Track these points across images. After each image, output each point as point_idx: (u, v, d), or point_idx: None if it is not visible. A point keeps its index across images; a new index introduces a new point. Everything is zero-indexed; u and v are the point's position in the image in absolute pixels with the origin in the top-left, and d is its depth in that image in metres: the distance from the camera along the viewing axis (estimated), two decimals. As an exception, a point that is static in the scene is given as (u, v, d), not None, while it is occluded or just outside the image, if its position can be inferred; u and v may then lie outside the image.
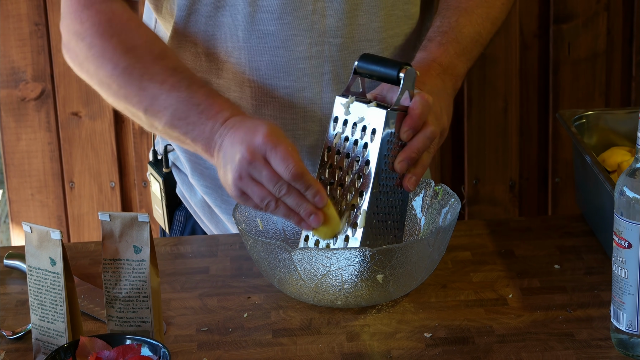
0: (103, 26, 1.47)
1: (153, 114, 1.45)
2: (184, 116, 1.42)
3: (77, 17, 1.48)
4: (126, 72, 1.45)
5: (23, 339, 1.37)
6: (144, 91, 1.45)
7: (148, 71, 1.45)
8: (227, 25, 1.52)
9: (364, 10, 1.53)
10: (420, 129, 1.38)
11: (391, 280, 1.35)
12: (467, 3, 1.58)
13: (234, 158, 1.35)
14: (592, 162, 1.48)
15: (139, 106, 1.46)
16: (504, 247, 1.54)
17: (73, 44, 1.50)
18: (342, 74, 1.55)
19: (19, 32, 2.39)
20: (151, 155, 1.74)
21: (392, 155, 1.38)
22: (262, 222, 1.47)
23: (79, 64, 1.51)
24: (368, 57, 1.40)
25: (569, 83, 2.45)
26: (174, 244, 1.59)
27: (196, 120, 1.41)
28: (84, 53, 1.48)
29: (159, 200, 1.74)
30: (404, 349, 1.31)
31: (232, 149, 1.36)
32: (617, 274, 1.26)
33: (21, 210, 2.50)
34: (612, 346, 1.30)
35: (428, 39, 1.54)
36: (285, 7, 1.50)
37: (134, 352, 1.24)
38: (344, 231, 1.38)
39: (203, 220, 1.70)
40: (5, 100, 2.42)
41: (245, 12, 1.51)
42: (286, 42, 1.52)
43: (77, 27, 1.49)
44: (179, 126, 1.43)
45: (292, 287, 1.37)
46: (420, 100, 1.37)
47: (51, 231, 1.25)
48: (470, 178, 2.51)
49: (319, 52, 1.53)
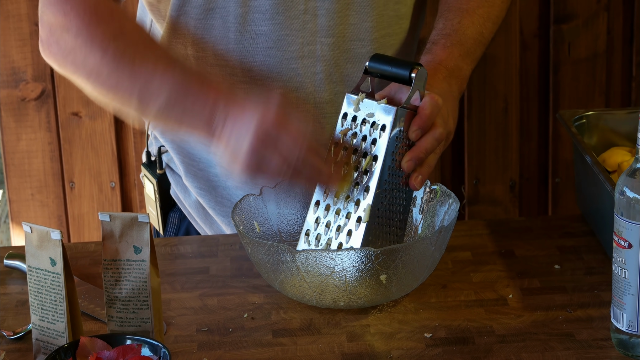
0: (89, 15, 1.43)
1: (146, 98, 1.41)
2: (181, 98, 1.39)
3: (61, 9, 1.43)
4: (116, 56, 1.41)
5: (23, 339, 1.37)
6: (136, 75, 1.41)
7: (139, 55, 1.42)
8: (217, 28, 1.52)
9: (355, 9, 1.53)
10: (428, 130, 1.38)
11: (394, 280, 1.35)
12: (468, 4, 1.58)
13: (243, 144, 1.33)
14: (592, 162, 1.48)
15: (131, 91, 1.42)
16: (504, 247, 1.55)
17: (56, 37, 1.45)
18: (334, 73, 1.55)
19: (19, 32, 2.39)
20: (144, 157, 1.73)
21: (399, 154, 1.38)
22: (258, 225, 1.47)
23: (63, 57, 1.46)
24: (379, 57, 1.41)
25: (569, 83, 2.45)
26: (174, 244, 1.59)
27: (194, 100, 1.38)
28: (70, 44, 1.43)
29: (152, 201, 1.73)
30: (404, 349, 1.31)
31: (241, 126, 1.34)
32: (617, 274, 1.26)
33: (21, 210, 2.50)
34: (612, 346, 1.30)
35: (432, 42, 1.54)
36: (277, 7, 1.50)
37: (134, 353, 1.24)
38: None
39: (197, 222, 1.69)
40: (6, 100, 2.42)
41: (237, 14, 1.51)
42: (278, 42, 1.52)
43: (60, 20, 1.44)
44: (175, 109, 1.40)
45: (294, 289, 1.37)
46: (430, 101, 1.37)
47: (51, 231, 1.25)
48: (471, 178, 2.51)
49: (311, 51, 1.53)
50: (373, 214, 1.37)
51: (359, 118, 1.40)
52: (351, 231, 1.38)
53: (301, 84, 1.54)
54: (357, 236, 1.37)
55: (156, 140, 1.70)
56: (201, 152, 1.63)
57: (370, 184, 1.37)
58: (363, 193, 1.38)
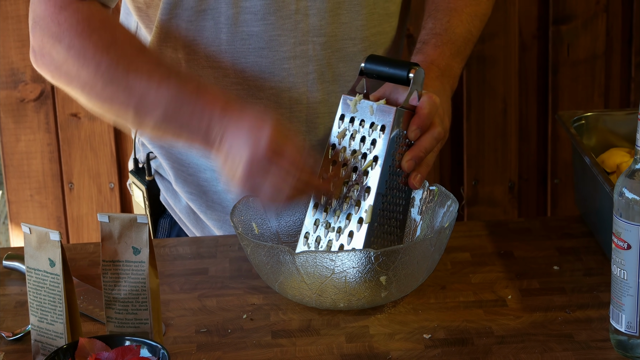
0: (82, 25, 1.42)
1: (143, 112, 1.41)
2: (177, 111, 1.40)
3: (55, 19, 1.43)
4: (111, 68, 1.41)
5: (22, 340, 1.36)
6: (132, 89, 1.41)
7: (133, 66, 1.41)
8: (209, 30, 1.52)
9: (346, 8, 1.54)
10: (427, 129, 1.39)
11: (394, 281, 1.35)
12: (456, 3, 1.59)
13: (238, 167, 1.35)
14: (591, 163, 1.48)
15: (127, 105, 1.42)
16: (503, 248, 1.55)
17: (48, 48, 1.44)
18: (326, 73, 1.55)
19: (18, 33, 2.39)
20: (132, 164, 1.72)
21: (398, 154, 1.38)
22: (257, 226, 1.47)
23: (55, 68, 1.45)
24: (375, 58, 1.41)
25: (568, 84, 2.45)
26: (173, 245, 1.59)
27: (191, 113, 1.39)
28: (62, 55, 1.43)
29: (142, 208, 1.72)
30: (403, 350, 1.31)
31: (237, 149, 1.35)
32: (616, 275, 1.26)
33: (20, 211, 2.50)
34: (611, 347, 1.30)
35: (423, 42, 1.54)
36: (268, 7, 1.50)
37: (133, 354, 1.24)
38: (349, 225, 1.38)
39: (188, 227, 1.69)
40: (5, 102, 2.42)
41: (229, 15, 1.50)
42: (270, 43, 1.52)
43: (53, 30, 1.43)
44: (173, 122, 1.41)
45: (294, 291, 1.37)
46: (428, 101, 1.38)
47: (50, 232, 1.25)
48: (470, 179, 2.51)
49: (303, 51, 1.53)
50: (375, 215, 1.37)
51: (357, 119, 1.40)
52: (352, 232, 1.38)
53: (294, 84, 1.55)
54: (359, 237, 1.37)
55: (144, 147, 1.69)
56: (190, 157, 1.62)
57: (371, 185, 1.37)
58: (364, 194, 1.38)
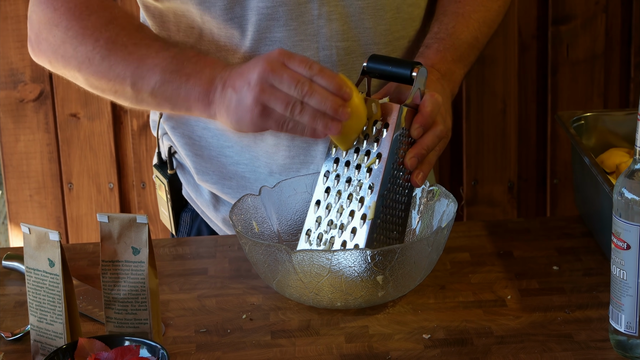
0: (79, 8, 1.43)
1: (141, 76, 1.42)
2: (177, 68, 1.40)
3: (50, 5, 1.44)
4: (109, 42, 1.42)
5: (21, 340, 1.36)
6: (129, 58, 1.41)
7: (132, 39, 1.42)
8: (236, 37, 1.52)
9: (369, 13, 1.53)
10: (430, 127, 1.39)
11: (391, 281, 1.35)
12: (464, 8, 1.58)
13: (251, 77, 1.34)
14: (590, 163, 1.48)
15: (124, 73, 1.42)
16: (503, 248, 1.55)
17: (45, 34, 1.45)
18: (352, 78, 1.55)
19: (18, 33, 2.39)
20: (156, 158, 1.73)
21: (401, 151, 1.39)
22: (257, 225, 1.47)
23: (53, 52, 1.45)
24: (377, 57, 1.42)
25: (567, 84, 2.46)
26: (173, 245, 1.59)
27: (191, 70, 1.39)
28: (60, 38, 1.43)
29: (164, 202, 1.73)
30: (402, 350, 1.31)
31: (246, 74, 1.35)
32: (615, 275, 1.26)
33: (20, 212, 2.50)
34: (610, 347, 1.30)
35: (425, 46, 1.54)
36: (290, 13, 1.50)
37: (133, 354, 1.24)
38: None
39: (210, 219, 1.69)
40: (4, 102, 2.42)
41: (253, 21, 1.50)
42: (294, 48, 1.52)
43: (49, 15, 1.44)
44: (171, 81, 1.41)
45: (291, 290, 1.37)
46: (431, 99, 1.38)
47: (50, 232, 1.25)
48: (469, 179, 2.51)
49: (327, 56, 1.53)
50: (378, 211, 1.37)
51: None
52: (355, 229, 1.38)
53: None
54: (361, 234, 1.37)
55: (167, 139, 1.70)
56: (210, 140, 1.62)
57: (374, 182, 1.38)
58: (367, 191, 1.38)
